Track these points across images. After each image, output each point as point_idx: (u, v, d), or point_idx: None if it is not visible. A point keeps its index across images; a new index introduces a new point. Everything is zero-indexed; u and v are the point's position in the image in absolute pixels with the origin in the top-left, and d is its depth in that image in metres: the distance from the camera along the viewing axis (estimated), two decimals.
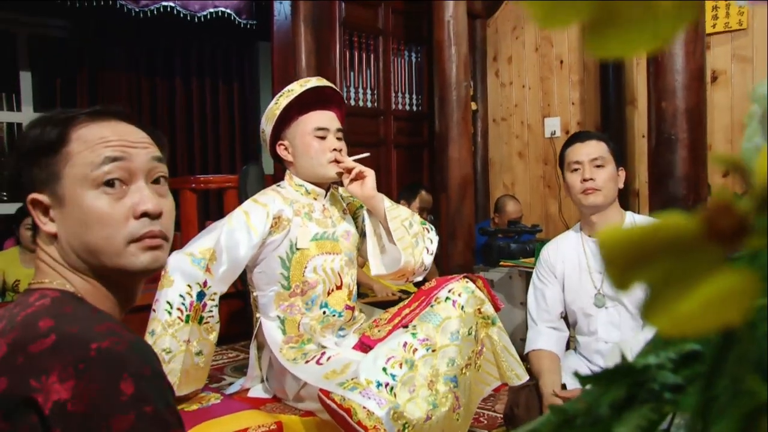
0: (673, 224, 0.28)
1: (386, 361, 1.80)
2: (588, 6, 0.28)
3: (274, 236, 2.05)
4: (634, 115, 4.64)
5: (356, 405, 1.69)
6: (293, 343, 2.06)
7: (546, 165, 5.25)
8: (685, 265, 0.27)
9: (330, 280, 2.12)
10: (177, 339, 1.86)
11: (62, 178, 0.95)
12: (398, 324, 2.00)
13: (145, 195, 0.98)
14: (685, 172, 2.90)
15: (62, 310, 0.90)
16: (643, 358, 0.37)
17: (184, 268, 1.91)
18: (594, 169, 2.20)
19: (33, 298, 0.93)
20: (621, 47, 0.29)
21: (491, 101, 5.59)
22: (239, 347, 4.00)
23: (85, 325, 0.86)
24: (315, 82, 2.15)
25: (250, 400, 2.09)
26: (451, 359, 1.90)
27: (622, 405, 0.37)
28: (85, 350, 0.81)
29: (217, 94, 6.28)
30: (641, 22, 0.28)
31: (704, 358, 0.35)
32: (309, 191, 2.16)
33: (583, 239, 2.31)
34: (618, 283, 0.28)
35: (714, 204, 0.28)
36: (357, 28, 4.74)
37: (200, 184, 4.27)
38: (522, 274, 3.80)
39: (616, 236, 0.28)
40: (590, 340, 2.26)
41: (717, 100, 4.24)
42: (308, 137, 2.11)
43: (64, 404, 0.78)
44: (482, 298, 2.02)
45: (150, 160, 1.01)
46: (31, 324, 0.86)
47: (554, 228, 5.12)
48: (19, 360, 0.83)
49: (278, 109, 2.10)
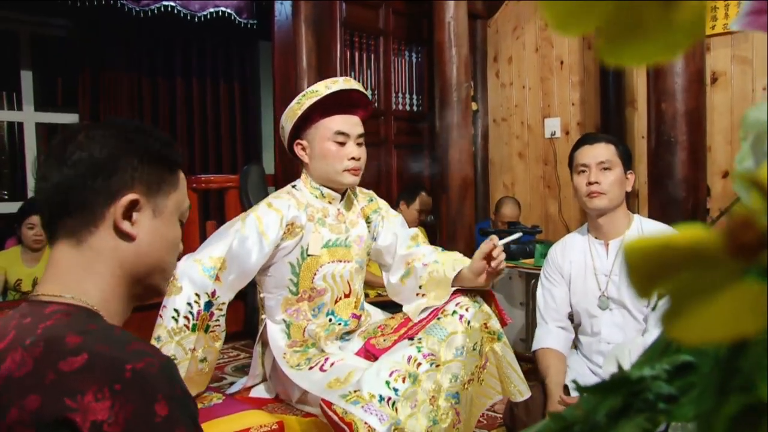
0: (694, 237, 0.28)
1: (389, 375, 1.78)
2: (605, 13, 0.29)
3: (286, 242, 2.01)
4: (634, 116, 4.65)
5: (358, 420, 1.68)
6: (297, 347, 2.06)
7: (546, 165, 5.26)
8: (705, 277, 0.28)
9: (338, 288, 2.10)
10: (183, 347, 1.84)
11: (170, 198, 1.05)
12: (404, 335, 1.98)
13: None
14: (685, 174, 2.91)
15: (87, 326, 0.90)
16: (639, 369, 0.38)
17: (193, 276, 1.88)
18: (600, 173, 2.20)
19: (48, 310, 0.93)
20: (635, 56, 0.29)
21: (491, 101, 5.60)
22: (240, 347, 4.01)
23: (116, 345, 0.87)
24: (342, 84, 2.07)
25: (252, 400, 2.10)
26: (455, 375, 1.88)
27: (618, 414, 0.38)
28: (120, 371, 0.83)
29: (218, 94, 6.28)
30: (657, 32, 0.29)
31: (698, 369, 0.36)
32: (324, 195, 2.12)
33: (590, 241, 2.32)
34: (641, 292, 0.29)
35: (735, 218, 0.28)
36: (358, 29, 4.75)
37: (201, 184, 4.28)
38: (522, 275, 3.82)
39: (641, 246, 0.28)
40: (593, 340, 2.28)
41: (717, 101, 4.25)
42: (327, 142, 2.05)
43: (101, 425, 0.79)
44: (489, 313, 2.01)
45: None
46: (58, 340, 0.86)
47: (554, 228, 5.13)
48: (50, 377, 0.83)
49: (300, 109, 2.04)
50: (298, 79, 4.37)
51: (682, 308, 0.28)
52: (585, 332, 2.31)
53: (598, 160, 2.21)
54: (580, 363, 2.30)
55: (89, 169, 0.97)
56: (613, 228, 2.26)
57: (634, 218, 2.29)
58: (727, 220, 0.29)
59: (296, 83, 4.34)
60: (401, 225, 2.27)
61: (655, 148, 3.00)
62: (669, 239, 0.28)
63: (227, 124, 6.33)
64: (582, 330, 2.33)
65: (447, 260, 2.08)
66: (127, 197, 0.98)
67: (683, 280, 0.28)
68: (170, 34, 5.81)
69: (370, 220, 2.22)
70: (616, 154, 2.23)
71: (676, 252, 0.28)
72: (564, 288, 2.35)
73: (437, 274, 2.04)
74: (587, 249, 2.32)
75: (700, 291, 0.28)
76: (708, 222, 2.45)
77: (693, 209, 2.89)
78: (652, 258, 0.28)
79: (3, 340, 0.90)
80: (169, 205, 1.05)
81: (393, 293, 2.22)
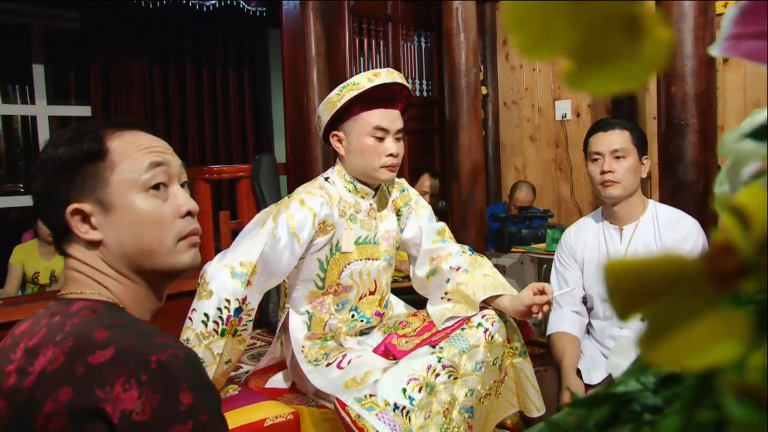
0: (676, 262, 0.29)
1: (407, 383, 1.76)
2: (571, 41, 0.29)
3: (318, 239, 1.98)
4: (645, 98, 4.62)
5: (370, 426, 1.68)
6: (316, 339, 2.07)
7: (557, 148, 5.24)
8: (684, 302, 0.28)
9: (364, 285, 2.09)
10: (211, 351, 1.82)
11: (109, 185, 1.00)
12: (427, 340, 1.95)
13: (185, 196, 1.07)
14: (695, 158, 2.89)
15: (113, 321, 0.94)
16: (624, 384, 0.40)
17: (224, 281, 1.84)
18: (614, 161, 2.18)
19: (75, 308, 0.97)
20: (599, 84, 0.30)
21: (502, 85, 5.57)
22: (256, 335, 4.04)
23: (141, 338, 0.90)
24: (385, 77, 2.00)
25: (268, 391, 2.12)
26: (471, 389, 1.86)
27: (607, 424, 0.39)
28: (146, 363, 0.86)
29: (228, 83, 6.29)
30: (622, 62, 0.29)
31: (683, 381, 0.37)
32: (358, 190, 2.08)
33: (603, 226, 2.32)
34: (620, 313, 0.29)
35: (715, 245, 0.29)
36: (366, 15, 4.73)
37: (213, 174, 4.30)
38: (534, 259, 3.82)
39: (622, 267, 0.29)
40: (605, 325, 2.29)
41: (729, 81, 4.21)
42: (366, 136, 2.00)
43: (130, 414, 0.83)
44: (514, 328, 2.00)
45: (180, 166, 1.09)
46: (86, 335, 0.90)
47: (566, 211, 5.13)
48: (80, 370, 0.87)
49: (340, 101, 1.99)
50: (307, 66, 4.37)
51: (659, 332, 0.29)
52: (597, 316, 2.32)
53: (612, 148, 2.19)
54: (593, 347, 2.31)
55: (37, 197, 1.04)
56: (628, 214, 2.26)
57: (649, 203, 2.28)
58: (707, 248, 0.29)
59: (305, 71, 4.34)
60: (428, 218, 2.23)
61: (666, 132, 2.99)
62: (650, 262, 0.29)
63: (238, 114, 6.35)
64: (594, 314, 2.34)
65: (477, 274, 2.04)
66: (67, 211, 1.00)
67: (662, 305, 0.29)
68: (180, 23, 5.82)
69: (400, 213, 2.19)
70: (630, 141, 2.20)
71: (657, 276, 0.29)
72: (577, 272, 2.35)
73: (466, 290, 2.01)
74: (601, 233, 2.32)
75: (678, 316, 0.28)
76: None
77: (704, 192, 2.88)
78: (633, 281, 0.29)
79: (35, 337, 0.94)
80: (115, 192, 1.01)
81: (418, 286, 2.21)
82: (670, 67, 2.95)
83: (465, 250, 2.15)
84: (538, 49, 0.30)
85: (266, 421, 1.87)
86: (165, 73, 5.93)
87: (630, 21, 0.29)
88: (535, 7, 0.29)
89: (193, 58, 6.08)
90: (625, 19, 0.29)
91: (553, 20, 0.29)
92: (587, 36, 0.29)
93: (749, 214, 0.29)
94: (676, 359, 0.29)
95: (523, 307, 1.92)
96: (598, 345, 2.31)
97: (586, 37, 0.29)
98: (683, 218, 2.24)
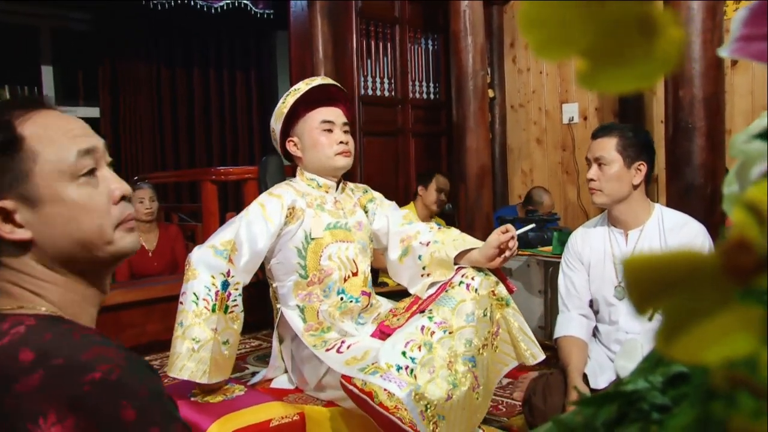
0: (693, 257, 0.29)
1: (405, 345, 1.84)
2: (586, 41, 0.29)
3: (289, 226, 2.11)
4: (653, 101, 4.61)
5: (377, 388, 1.72)
6: (314, 331, 2.11)
7: (564, 151, 5.24)
8: (700, 297, 0.29)
9: (346, 267, 2.17)
10: (205, 328, 1.92)
11: (33, 177, 0.90)
12: (416, 311, 2.04)
13: (116, 179, 0.98)
14: (703, 161, 2.89)
15: (42, 338, 0.84)
16: (632, 383, 0.40)
17: (207, 260, 1.99)
18: (597, 169, 2.22)
19: (5, 326, 0.87)
20: (612, 83, 0.30)
21: (509, 88, 5.57)
22: (261, 336, 4.05)
23: (72, 356, 0.82)
24: (320, 80, 2.25)
25: (274, 392, 2.13)
26: (468, 340, 1.93)
27: (615, 423, 0.39)
28: (78, 385, 0.79)
29: (235, 84, 6.31)
30: (635, 61, 0.29)
31: (692, 380, 0.37)
32: (320, 185, 2.22)
33: (609, 229, 2.33)
34: (638, 308, 0.30)
35: (732, 240, 0.29)
36: (373, 18, 4.74)
37: (220, 175, 4.31)
38: (540, 262, 3.82)
39: (641, 263, 0.29)
40: (611, 329, 2.28)
41: (737, 84, 4.20)
42: (316, 131, 2.18)
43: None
44: (495, 281, 2.07)
45: (104, 146, 1.00)
46: (11, 357, 0.82)
47: (573, 214, 5.12)
48: (8, 402, 0.79)
49: (286, 107, 2.18)
50: (314, 69, 4.38)
51: (676, 327, 0.29)
52: (603, 320, 2.32)
53: (595, 155, 2.23)
54: (599, 351, 2.31)
55: None
56: (631, 218, 2.26)
57: (654, 208, 2.28)
58: (724, 242, 0.30)
59: (313, 73, 4.34)
60: (394, 209, 2.36)
61: (673, 135, 2.98)
62: (668, 257, 0.29)
63: (245, 115, 6.37)
64: (600, 318, 2.34)
65: (446, 239, 2.14)
66: None
67: (679, 299, 0.29)
68: (188, 25, 5.84)
69: (367, 209, 2.31)
70: (614, 148, 2.20)
71: (675, 271, 0.29)
72: (584, 275, 2.36)
73: (439, 255, 2.11)
74: (607, 237, 2.32)
75: (695, 311, 0.28)
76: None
77: (711, 195, 2.87)
78: (651, 276, 0.29)
79: None
80: (41, 184, 0.90)
81: (394, 273, 2.29)
82: (678, 70, 2.95)
83: (432, 226, 2.26)
84: (553, 48, 0.30)
85: (272, 422, 1.88)
86: (173, 75, 5.95)
87: (643, 21, 0.29)
88: (550, 7, 0.29)
89: (201, 59, 6.10)
90: (638, 19, 0.29)
91: (567, 20, 0.29)
92: (601, 36, 0.30)
93: (762, 208, 0.29)
94: (693, 353, 0.29)
95: (492, 250, 2.02)
96: (604, 349, 2.31)
97: (600, 36, 0.30)
98: (689, 222, 2.24)
